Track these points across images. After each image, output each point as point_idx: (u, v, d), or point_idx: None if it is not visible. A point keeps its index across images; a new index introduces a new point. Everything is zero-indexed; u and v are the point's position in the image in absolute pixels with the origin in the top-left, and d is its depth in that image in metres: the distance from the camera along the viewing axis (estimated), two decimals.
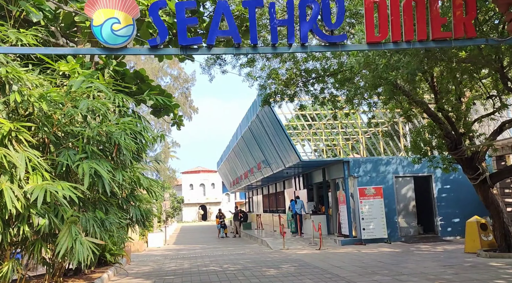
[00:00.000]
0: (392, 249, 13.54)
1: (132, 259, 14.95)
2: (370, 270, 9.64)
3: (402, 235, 16.00)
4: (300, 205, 20.26)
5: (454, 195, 16.27)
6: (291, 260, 12.21)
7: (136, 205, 7.25)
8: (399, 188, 16.38)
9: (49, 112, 4.50)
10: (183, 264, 12.88)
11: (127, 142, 5.33)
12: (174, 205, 50.73)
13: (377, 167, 16.36)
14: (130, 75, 8.75)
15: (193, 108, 39.05)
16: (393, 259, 11.35)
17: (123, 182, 5.36)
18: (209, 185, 62.03)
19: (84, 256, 4.68)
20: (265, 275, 9.68)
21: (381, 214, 15.70)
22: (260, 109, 17.10)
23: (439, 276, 8.47)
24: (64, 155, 4.80)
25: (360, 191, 15.87)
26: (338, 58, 10.06)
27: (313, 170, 20.83)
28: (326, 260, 11.69)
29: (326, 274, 9.49)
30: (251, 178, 27.16)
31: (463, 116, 9.73)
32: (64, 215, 4.64)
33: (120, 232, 6.49)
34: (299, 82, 11.04)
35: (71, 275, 10.15)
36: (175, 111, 8.83)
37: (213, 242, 22.36)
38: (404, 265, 10.10)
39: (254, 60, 10.27)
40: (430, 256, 11.60)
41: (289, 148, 17.09)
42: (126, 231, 7.61)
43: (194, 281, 9.45)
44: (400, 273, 9.02)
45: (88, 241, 4.72)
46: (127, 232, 7.66)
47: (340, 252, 13.45)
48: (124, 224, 6.66)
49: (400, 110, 9.56)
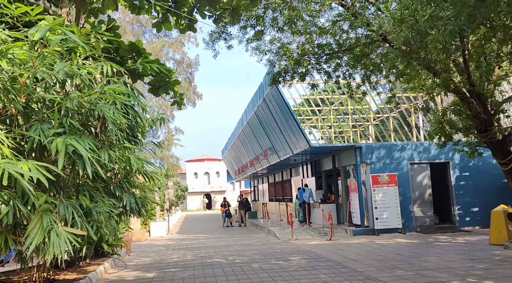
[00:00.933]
0: (409, 240, 12.69)
1: (133, 249, 14.21)
2: (389, 264, 8.80)
3: (417, 225, 15.13)
4: (308, 194, 19.42)
5: (473, 183, 15.34)
6: (301, 251, 11.39)
7: (130, 192, 6.39)
8: (414, 176, 15.47)
9: (11, 73, 3.63)
10: (186, 255, 12.11)
11: (115, 116, 4.45)
12: (178, 193, 50.12)
13: (391, 153, 15.44)
14: (125, 48, 7.83)
15: (197, 94, 38.08)
16: (412, 251, 10.50)
17: (110, 163, 4.48)
18: (214, 174, 61.42)
19: (62, 250, 3.84)
20: (274, 269, 8.87)
21: (395, 203, 14.84)
22: (269, 89, 16.15)
23: (469, 272, 7.60)
24: (36, 130, 3.94)
25: (373, 178, 14.98)
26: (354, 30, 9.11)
27: (322, 157, 19.94)
28: (339, 252, 10.87)
29: (342, 268, 8.66)
30: (256, 166, 26.31)
31: (492, 95, 8.78)
32: (35, 202, 3.78)
33: (111, 222, 5.63)
34: (311, 59, 10.09)
35: (63, 268, 9.40)
36: (175, 88, 7.95)
37: (218, 231, 21.62)
38: (425, 259, 9.25)
39: (263, 33, 9.33)
40: (452, 248, 10.74)
41: (297, 134, 16.18)
42: (119, 221, 6.77)
43: (197, 276, 8.66)
44: (424, 268, 8.17)
45: (67, 231, 3.87)
46: (119, 222, 6.82)
47: (353, 243, 12.62)
48: (116, 214, 5.81)
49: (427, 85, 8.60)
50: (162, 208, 26.44)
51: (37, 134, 3.90)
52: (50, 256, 3.77)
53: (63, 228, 3.88)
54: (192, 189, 59.41)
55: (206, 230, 23.15)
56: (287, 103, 15.94)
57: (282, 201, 25.80)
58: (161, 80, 7.99)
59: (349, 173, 17.60)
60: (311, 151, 17.25)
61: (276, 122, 18.25)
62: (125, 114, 5.14)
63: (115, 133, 4.41)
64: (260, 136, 22.39)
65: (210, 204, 60.32)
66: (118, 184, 6.45)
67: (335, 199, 19.21)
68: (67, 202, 4.19)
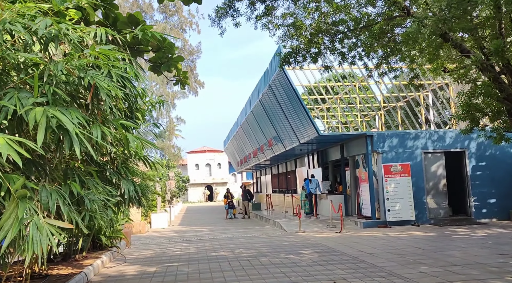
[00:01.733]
0: (424, 233, 12.00)
1: (133, 241, 13.56)
2: (410, 259, 8.12)
3: (431, 217, 14.44)
4: (315, 185, 18.71)
5: (490, 173, 14.62)
6: (312, 244, 10.72)
7: (129, 179, 5.68)
8: (428, 165, 14.74)
9: None
10: (189, 248, 11.45)
11: (109, 85, 3.72)
12: (180, 184, 49.49)
13: (404, 142, 14.70)
14: (123, 20, 7.07)
15: (198, 83, 37.19)
16: (431, 245, 9.82)
17: (104, 142, 3.75)
18: (215, 165, 60.73)
19: (43, 247, 3.13)
20: (285, 263, 8.19)
21: (408, 194, 14.13)
22: (275, 75, 15.36)
23: (504, 269, 6.90)
24: (12, 98, 3.21)
25: (385, 168, 14.26)
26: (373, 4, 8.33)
27: (329, 147, 19.19)
28: (353, 245, 10.19)
29: (359, 262, 7.98)
30: (260, 157, 25.59)
31: None
32: (10, 187, 3.06)
33: (108, 212, 4.92)
34: (324, 38, 9.32)
35: (58, 261, 8.74)
36: (178, 66, 7.20)
37: (221, 223, 20.97)
38: (449, 253, 8.56)
39: (274, 8, 8.55)
40: (473, 241, 10.05)
41: (305, 122, 15.42)
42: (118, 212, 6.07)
43: (202, 271, 7.98)
44: (450, 263, 7.48)
45: (49, 224, 3.15)
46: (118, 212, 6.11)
47: (365, 236, 11.94)
48: (113, 203, 5.10)
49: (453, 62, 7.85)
50: (164, 199, 25.79)
51: (12, 103, 3.17)
52: (28, 254, 3.06)
53: (45, 220, 3.16)
54: (193, 180, 58.76)
55: (209, 221, 22.51)
56: (295, 89, 15.15)
57: (287, 192, 25.11)
58: (163, 56, 7.25)
59: (358, 163, 16.88)
60: (319, 140, 16.52)
61: (282, 109, 17.48)
62: (122, 87, 4.41)
63: (110, 105, 3.68)
64: (264, 125, 21.63)
65: (212, 195, 59.73)
66: (115, 170, 5.75)
67: (343, 190, 18.50)
68: (51, 188, 3.47)
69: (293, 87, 15.13)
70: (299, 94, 15.23)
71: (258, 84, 20.14)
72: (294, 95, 15.23)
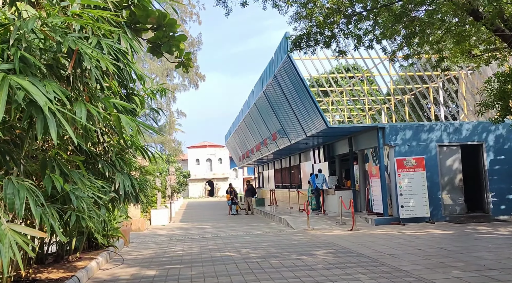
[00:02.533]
0: (443, 231, 11.24)
1: (132, 239, 12.80)
2: (436, 261, 7.35)
3: (446, 213, 13.69)
4: (321, 180, 17.96)
5: (509, 168, 13.84)
6: (323, 244, 9.97)
7: (124, 172, 4.89)
8: (443, 159, 13.96)
9: None
10: (192, 247, 10.69)
11: (97, 53, 2.93)
12: (180, 180, 48.73)
13: (418, 135, 13.91)
14: None
15: (199, 76, 36.33)
16: (455, 245, 9.05)
17: (91, 124, 2.96)
18: (216, 160, 59.98)
19: (7, 260, 2.35)
20: (298, 266, 7.43)
21: (422, 189, 13.36)
22: (285, 59, 14.52)
23: None
24: None
25: (398, 162, 13.48)
26: None
27: (337, 140, 18.40)
28: (368, 245, 9.44)
29: (380, 265, 7.22)
30: (263, 151, 24.80)
31: None
32: None
33: (100, 211, 4.14)
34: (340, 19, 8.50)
35: (49, 263, 7.98)
36: (180, 46, 6.42)
37: (224, 220, 20.22)
38: (478, 255, 7.79)
39: None
40: (501, 241, 9.29)
41: (313, 113, 14.62)
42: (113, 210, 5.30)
43: (207, 274, 7.21)
44: (484, 267, 6.72)
45: (14, 231, 2.37)
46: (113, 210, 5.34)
47: (379, 234, 11.19)
48: (107, 200, 4.32)
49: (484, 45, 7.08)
50: (164, 195, 25.03)
51: None
52: None
53: (9, 226, 2.38)
54: (194, 176, 58.02)
55: (211, 218, 21.76)
56: (302, 78, 14.34)
57: (291, 188, 24.36)
58: (164, 35, 6.44)
59: (367, 157, 16.12)
60: (327, 133, 15.72)
61: (288, 101, 16.68)
62: (115, 61, 3.61)
63: (97, 77, 2.88)
64: (268, 118, 20.82)
65: (213, 191, 59.03)
66: (109, 162, 4.96)
67: (351, 185, 17.74)
68: (20, 183, 2.68)
69: (300, 77, 14.31)
70: (307, 84, 14.42)
71: (262, 75, 19.32)
72: (302, 85, 14.41)
